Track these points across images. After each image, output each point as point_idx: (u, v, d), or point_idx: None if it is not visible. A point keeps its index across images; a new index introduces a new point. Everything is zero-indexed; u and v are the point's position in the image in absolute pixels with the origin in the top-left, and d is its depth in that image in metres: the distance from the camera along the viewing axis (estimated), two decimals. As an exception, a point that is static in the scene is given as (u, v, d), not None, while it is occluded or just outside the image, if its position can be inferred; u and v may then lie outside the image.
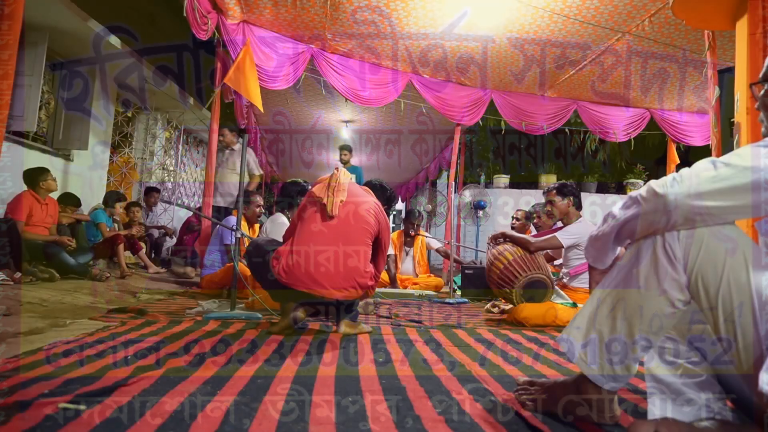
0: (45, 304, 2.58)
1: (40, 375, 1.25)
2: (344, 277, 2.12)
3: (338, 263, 2.12)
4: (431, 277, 5.11)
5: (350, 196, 2.26)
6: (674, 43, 4.23)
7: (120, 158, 6.90)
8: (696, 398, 1.00)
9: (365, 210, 2.26)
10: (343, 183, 2.27)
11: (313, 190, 2.28)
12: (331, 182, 2.26)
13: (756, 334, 0.82)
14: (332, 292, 2.09)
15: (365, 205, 2.29)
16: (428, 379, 1.44)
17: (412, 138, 7.99)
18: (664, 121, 5.92)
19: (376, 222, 2.29)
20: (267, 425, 0.99)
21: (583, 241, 2.98)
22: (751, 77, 2.22)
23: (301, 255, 2.10)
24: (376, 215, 2.30)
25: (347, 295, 2.14)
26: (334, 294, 2.10)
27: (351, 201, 2.25)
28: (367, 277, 2.20)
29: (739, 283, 0.84)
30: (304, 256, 2.10)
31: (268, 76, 4.43)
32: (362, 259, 2.19)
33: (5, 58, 1.82)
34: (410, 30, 4.28)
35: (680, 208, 0.87)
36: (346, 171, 2.37)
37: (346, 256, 2.15)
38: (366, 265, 2.20)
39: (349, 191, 2.28)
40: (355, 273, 2.14)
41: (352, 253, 2.16)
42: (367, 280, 2.19)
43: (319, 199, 2.22)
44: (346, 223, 2.19)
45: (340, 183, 2.26)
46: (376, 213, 2.30)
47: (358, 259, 2.17)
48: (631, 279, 0.96)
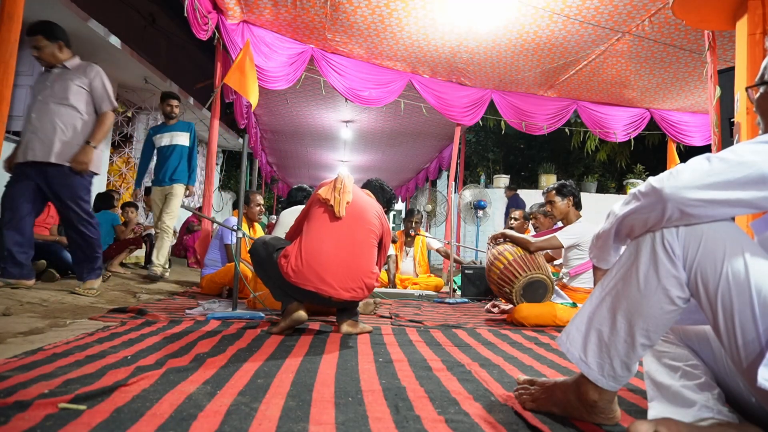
0: (45, 304, 2.58)
1: (40, 375, 1.25)
2: (353, 278, 2.12)
3: (347, 264, 2.12)
4: (431, 277, 5.11)
5: (355, 198, 2.27)
6: (674, 43, 4.24)
7: (120, 158, 6.89)
8: (696, 399, 1.00)
9: (371, 212, 2.28)
10: (348, 185, 2.28)
11: (319, 192, 2.27)
12: (336, 184, 2.27)
13: (755, 331, 0.82)
14: (340, 292, 2.09)
15: (370, 207, 2.31)
16: (428, 379, 1.44)
17: (412, 138, 7.99)
18: (664, 121, 5.93)
19: (380, 224, 2.31)
20: (267, 425, 0.99)
21: (583, 241, 2.98)
22: (751, 77, 2.22)
23: (310, 255, 2.10)
24: (380, 218, 2.33)
25: (354, 295, 2.14)
26: (342, 294, 2.10)
27: (357, 202, 2.26)
28: (374, 278, 2.21)
29: (738, 280, 0.84)
30: (314, 256, 2.09)
31: (268, 76, 4.43)
32: (369, 259, 2.20)
33: (5, 57, 1.82)
34: (410, 30, 4.28)
35: (676, 201, 0.88)
36: (349, 174, 2.37)
37: (355, 256, 2.15)
38: (372, 265, 2.21)
39: (354, 193, 2.29)
40: (363, 274, 2.15)
41: (360, 253, 2.17)
42: (373, 281, 2.20)
43: (326, 200, 2.22)
44: (353, 224, 2.20)
45: (346, 185, 2.26)
46: (379, 216, 2.33)
47: (365, 259, 2.18)
48: (631, 277, 0.96)
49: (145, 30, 8.92)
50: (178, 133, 4.37)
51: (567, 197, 3.11)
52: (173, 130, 4.39)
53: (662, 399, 1.06)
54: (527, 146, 11.51)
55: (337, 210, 2.18)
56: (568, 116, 5.85)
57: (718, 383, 1.04)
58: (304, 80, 5.01)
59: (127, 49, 5.44)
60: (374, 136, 7.96)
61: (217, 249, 3.91)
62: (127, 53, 5.44)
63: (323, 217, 2.20)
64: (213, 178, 4.27)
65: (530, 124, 5.69)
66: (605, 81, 5.20)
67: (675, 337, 1.12)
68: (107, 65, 5.65)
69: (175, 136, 4.36)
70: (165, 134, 4.37)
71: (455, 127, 5.85)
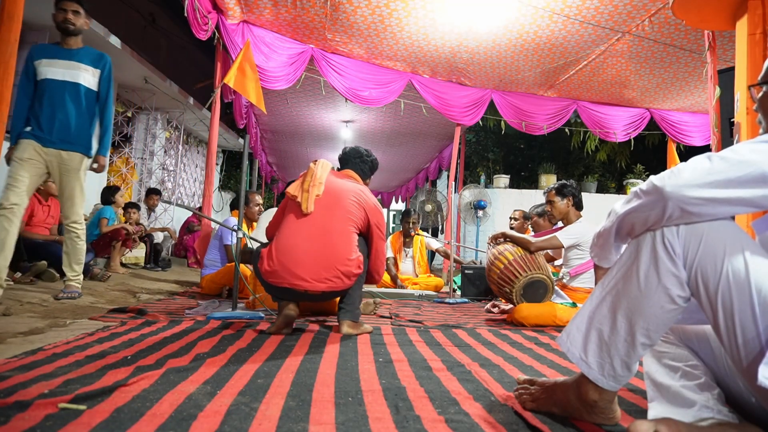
0: (45, 304, 2.58)
1: (40, 375, 1.25)
2: (326, 268, 2.10)
3: (319, 255, 2.11)
4: (431, 277, 5.11)
5: (329, 188, 2.25)
6: (674, 43, 4.23)
7: (120, 158, 6.89)
8: (696, 399, 1.00)
9: (347, 198, 2.24)
10: (320, 176, 2.27)
11: (288, 190, 2.30)
12: (305, 180, 2.27)
13: (755, 330, 0.82)
14: (315, 284, 2.09)
15: (346, 192, 2.26)
16: (428, 379, 1.44)
17: (412, 138, 7.98)
18: (664, 121, 5.93)
19: (360, 209, 2.26)
20: (267, 425, 0.99)
21: (583, 241, 2.98)
22: (751, 77, 2.22)
23: (281, 252, 2.12)
24: (360, 202, 2.27)
25: (332, 285, 2.11)
26: (317, 286, 2.09)
27: (330, 192, 2.24)
28: (353, 265, 2.15)
29: (739, 279, 0.84)
30: (285, 253, 2.11)
31: (268, 76, 4.43)
32: (346, 247, 2.16)
33: (5, 57, 1.82)
34: (410, 30, 4.28)
35: (676, 199, 0.88)
36: (324, 163, 2.35)
37: (327, 246, 2.13)
38: (349, 252, 2.16)
39: (328, 183, 2.27)
40: (337, 262, 2.12)
41: (334, 243, 2.14)
42: (352, 269, 2.14)
43: (294, 197, 2.24)
44: (326, 213, 2.19)
45: (316, 177, 2.26)
46: (358, 200, 2.27)
47: (341, 248, 2.14)
48: (631, 276, 0.96)
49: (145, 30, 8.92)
50: (79, 66, 2.79)
51: (567, 197, 3.11)
52: (72, 59, 2.78)
53: (662, 399, 1.06)
54: (527, 146, 11.50)
55: (305, 207, 2.18)
56: (568, 116, 5.85)
57: (718, 383, 1.04)
58: (304, 80, 5.01)
59: (127, 49, 5.44)
60: (374, 136, 7.96)
61: (217, 249, 3.91)
62: (127, 53, 5.44)
63: (294, 213, 2.22)
64: (213, 178, 4.26)
65: (530, 124, 5.69)
66: (605, 81, 5.20)
67: (675, 337, 1.12)
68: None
69: (76, 68, 2.78)
70: (58, 63, 2.76)
71: (455, 127, 5.85)
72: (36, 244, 3.84)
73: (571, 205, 3.12)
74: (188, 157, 8.99)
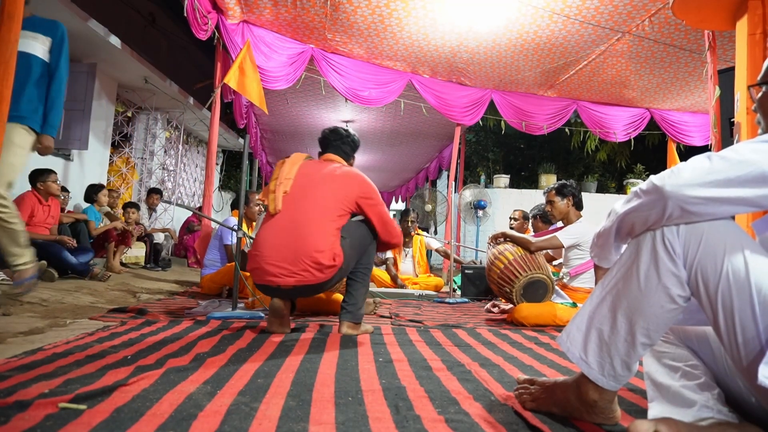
0: (45, 304, 2.58)
1: (40, 375, 1.25)
2: (294, 261, 2.07)
3: (284, 249, 2.10)
4: (431, 277, 5.11)
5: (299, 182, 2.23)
6: (674, 43, 4.24)
7: (120, 158, 6.89)
8: (696, 399, 1.00)
9: (320, 186, 2.21)
10: (287, 173, 2.26)
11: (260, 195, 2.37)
12: (271, 182, 2.29)
13: (755, 329, 0.82)
14: (285, 279, 2.08)
15: (320, 180, 2.23)
16: (428, 378, 1.44)
17: (412, 138, 7.99)
18: (664, 121, 5.93)
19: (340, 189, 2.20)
20: (267, 425, 0.99)
21: (583, 240, 2.98)
22: (751, 77, 2.22)
23: (256, 251, 2.17)
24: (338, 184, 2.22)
25: (302, 279, 2.08)
26: (287, 281, 2.09)
27: (300, 186, 2.23)
28: (323, 257, 2.06)
29: (739, 278, 0.84)
30: (257, 250, 2.16)
31: (269, 76, 4.43)
32: (318, 237, 2.09)
33: (5, 57, 1.82)
34: (410, 30, 4.28)
35: (676, 198, 0.88)
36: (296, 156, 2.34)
37: (296, 238, 2.10)
38: (320, 243, 2.08)
39: (299, 176, 2.25)
40: (303, 255, 2.06)
41: (303, 234, 2.10)
42: (321, 260, 2.06)
43: (261, 202, 2.29)
44: (294, 209, 2.18)
45: (283, 175, 2.26)
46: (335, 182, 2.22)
47: (311, 238, 2.09)
48: (631, 275, 0.96)
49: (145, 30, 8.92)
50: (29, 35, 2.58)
51: (567, 197, 3.11)
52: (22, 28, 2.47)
53: (662, 399, 1.06)
54: (527, 146, 11.50)
55: (272, 208, 2.21)
56: (568, 116, 5.85)
57: (718, 383, 1.04)
58: (304, 80, 5.01)
59: (127, 49, 5.43)
60: (374, 136, 7.96)
61: (217, 249, 3.91)
62: (127, 53, 5.44)
63: (267, 212, 2.27)
64: (213, 178, 4.26)
65: (530, 124, 5.69)
66: (605, 81, 5.20)
67: (675, 337, 1.12)
68: (107, 65, 5.67)
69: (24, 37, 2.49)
70: None
71: (455, 127, 5.85)
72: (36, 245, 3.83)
73: (571, 205, 3.12)
74: (188, 157, 8.99)
